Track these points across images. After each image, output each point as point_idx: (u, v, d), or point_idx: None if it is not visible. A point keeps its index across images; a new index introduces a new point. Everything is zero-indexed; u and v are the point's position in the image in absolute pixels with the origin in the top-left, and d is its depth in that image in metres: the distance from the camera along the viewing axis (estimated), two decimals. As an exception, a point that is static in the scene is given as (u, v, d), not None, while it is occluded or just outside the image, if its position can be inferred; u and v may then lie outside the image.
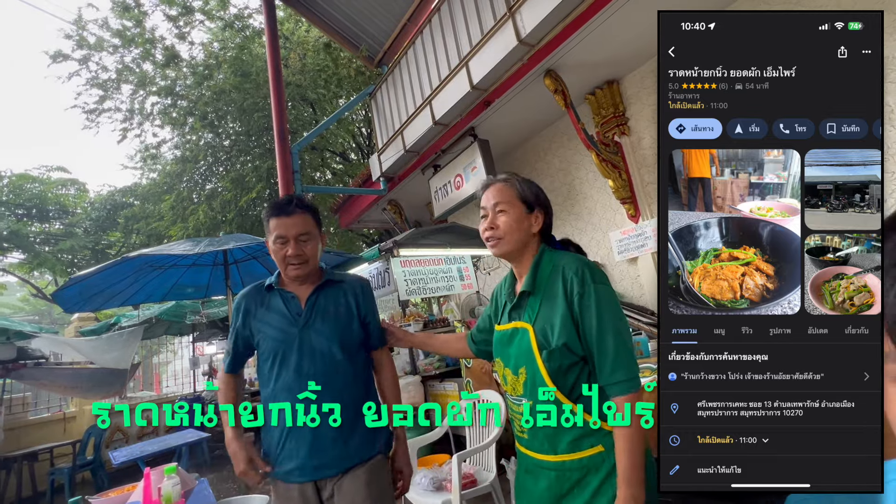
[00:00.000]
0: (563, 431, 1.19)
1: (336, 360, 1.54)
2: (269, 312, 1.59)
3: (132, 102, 10.04)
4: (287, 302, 1.60)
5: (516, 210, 1.29)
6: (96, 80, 9.88)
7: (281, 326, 1.56)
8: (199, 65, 9.68)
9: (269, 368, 1.55)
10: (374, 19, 7.01)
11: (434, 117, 5.06)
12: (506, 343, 1.31)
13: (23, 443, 6.55)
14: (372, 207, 7.22)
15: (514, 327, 1.29)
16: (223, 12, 9.74)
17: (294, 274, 1.57)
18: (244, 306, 1.62)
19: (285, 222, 1.55)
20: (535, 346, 1.21)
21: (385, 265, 5.30)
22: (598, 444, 1.16)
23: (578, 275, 1.19)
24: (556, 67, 4.14)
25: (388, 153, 5.97)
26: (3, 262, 11.05)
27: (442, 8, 4.98)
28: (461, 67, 4.58)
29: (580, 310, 1.16)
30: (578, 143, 4.86)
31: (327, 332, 1.56)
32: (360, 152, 11.47)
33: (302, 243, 1.56)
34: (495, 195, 1.31)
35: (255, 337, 1.60)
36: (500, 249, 1.30)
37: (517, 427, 1.31)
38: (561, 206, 5.40)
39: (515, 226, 1.28)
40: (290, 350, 1.53)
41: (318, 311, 1.59)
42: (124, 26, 9.55)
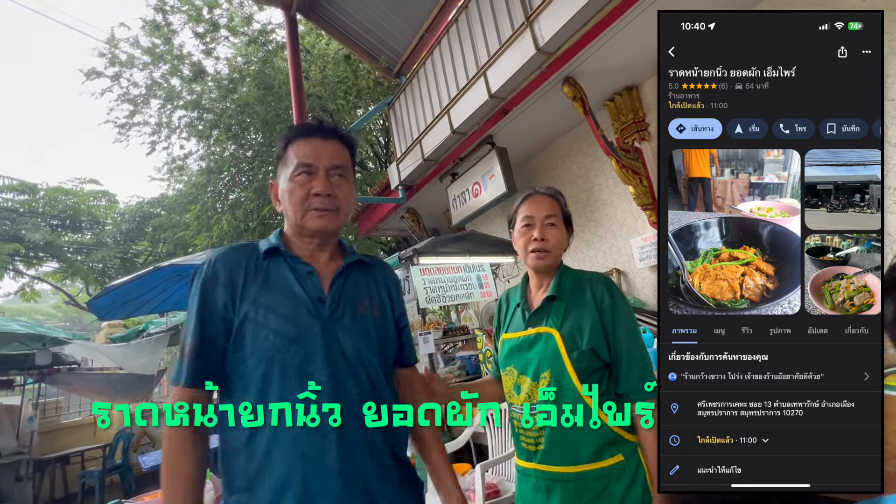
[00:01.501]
0: (585, 439, 1.18)
1: (378, 380, 1.05)
2: (271, 290, 1.02)
3: (160, 116, 10.41)
4: (301, 278, 1.04)
5: (562, 225, 1.34)
6: (127, 95, 10.28)
7: (291, 315, 0.99)
8: (224, 79, 9.98)
9: (259, 384, 0.96)
10: (393, 31, 7.12)
11: (452, 126, 5.10)
12: (524, 349, 1.30)
13: (56, 446, 6.79)
14: (390, 216, 7.28)
15: (536, 332, 1.28)
16: (247, 28, 10.04)
17: (317, 224, 1.05)
18: (224, 276, 1.01)
19: (317, 146, 1.08)
20: (562, 348, 1.22)
21: (405, 273, 5.34)
22: (619, 452, 1.17)
23: (608, 288, 1.27)
24: (574, 75, 4.13)
25: (407, 162, 6.03)
26: (39, 270, 11.51)
27: (460, 18, 5.04)
28: (479, 76, 4.62)
29: (612, 319, 1.22)
30: (598, 150, 4.83)
31: (362, 334, 1.05)
32: (377, 161, 11.61)
33: (336, 180, 1.08)
34: (547, 207, 1.33)
35: (241, 327, 0.99)
36: (548, 262, 1.31)
37: (528, 440, 1.27)
38: (580, 212, 5.37)
39: (563, 240, 1.34)
40: (303, 355, 0.97)
41: (348, 301, 1.07)
42: (154, 44, 9.93)
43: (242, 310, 0.99)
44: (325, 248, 1.11)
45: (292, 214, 1.07)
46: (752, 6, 3.65)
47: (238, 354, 0.98)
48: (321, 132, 1.10)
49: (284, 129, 1.18)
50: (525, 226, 1.33)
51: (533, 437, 1.25)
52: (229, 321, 0.99)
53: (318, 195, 1.04)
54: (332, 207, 1.06)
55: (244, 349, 0.98)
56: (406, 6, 6.57)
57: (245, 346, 0.98)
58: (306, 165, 1.06)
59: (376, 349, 1.07)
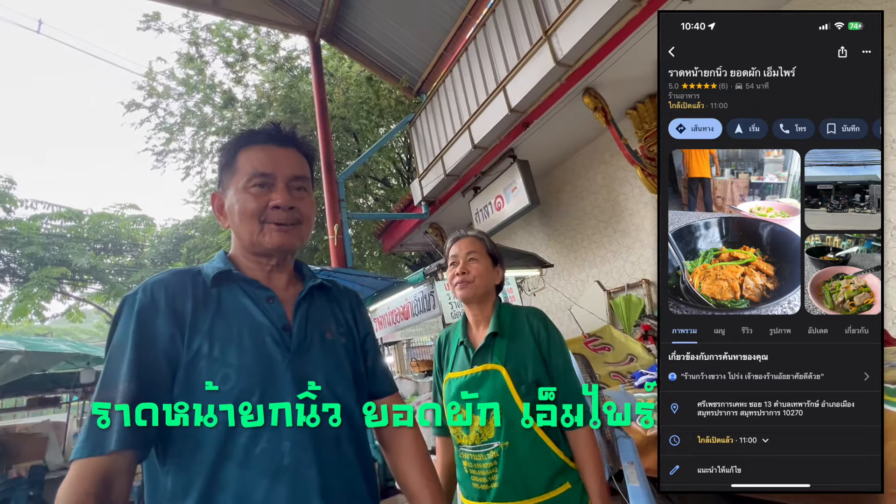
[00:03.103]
0: (539, 471, 1.23)
1: (353, 421, 0.91)
2: (226, 320, 0.85)
3: (194, 142, 10.88)
4: (261, 304, 0.89)
5: (486, 261, 1.44)
6: (164, 124, 10.81)
7: (254, 348, 0.84)
8: (252, 105, 10.37)
9: (219, 434, 0.77)
10: (412, 51, 7.29)
11: (473, 141, 5.16)
12: (473, 386, 1.33)
13: (97, 462, 7.01)
14: (414, 231, 7.37)
15: (483, 370, 1.33)
16: (274, 55, 10.46)
17: (277, 240, 0.90)
18: (166, 305, 0.82)
19: (273, 154, 0.93)
20: (510, 383, 1.27)
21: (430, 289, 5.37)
22: (566, 481, 1.23)
23: (543, 321, 1.37)
24: (594, 85, 4.13)
25: (429, 178, 6.11)
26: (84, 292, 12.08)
27: (478, 36, 5.13)
28: (499, 91, 4.67)
29: (549, 350, 1.31)
30: (621, 159, 4.79)
31: (334, 365, 0.92)
32: (400, 177, 11.79)
33: (296, 192, 0.94)
34: (468, 245, 1.45)
35: (191, 366, 0.80)
36: (469, 291, 1.40)
37: (479, 479, 1.28)
38: (606, 223, 5.31)
39: (484, 273, 1.42)
40: (268, 396, 0.81)
41: (314, 327, 0.93)
42: (188, 75, 10.45)
43: (194, 345, 0.80)
44: (282, 269, 0.97)
45: (245, 231, 0.91)
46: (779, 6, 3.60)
47: (184, 400, 0.77)
48: (278, 139, 0.95)
49: (233, 136, 0.96)
50: (451, 264, 1.46)
51: (486, 475, 1.27)
52: (174, 360, 0.80)
53: (277, 208, 0.90)
54: (294, 221, 0.93)
55: (193, 393, 0.78)
56: (424, 26, 6.73)
57: (195, 389, 0.78)
58: (262, 175, 0.91)
59: (350, 383, 0.93)
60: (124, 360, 0.77)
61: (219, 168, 0.97)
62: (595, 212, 5.48)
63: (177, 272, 0.89)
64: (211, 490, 0.75)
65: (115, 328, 0.82)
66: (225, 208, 0.94)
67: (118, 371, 0.76)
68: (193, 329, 0.81)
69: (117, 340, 0.80)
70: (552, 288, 5.70)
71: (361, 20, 7.10)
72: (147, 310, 0.81)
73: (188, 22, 10.14)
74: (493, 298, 1.46)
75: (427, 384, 5.05)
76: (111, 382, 0.76)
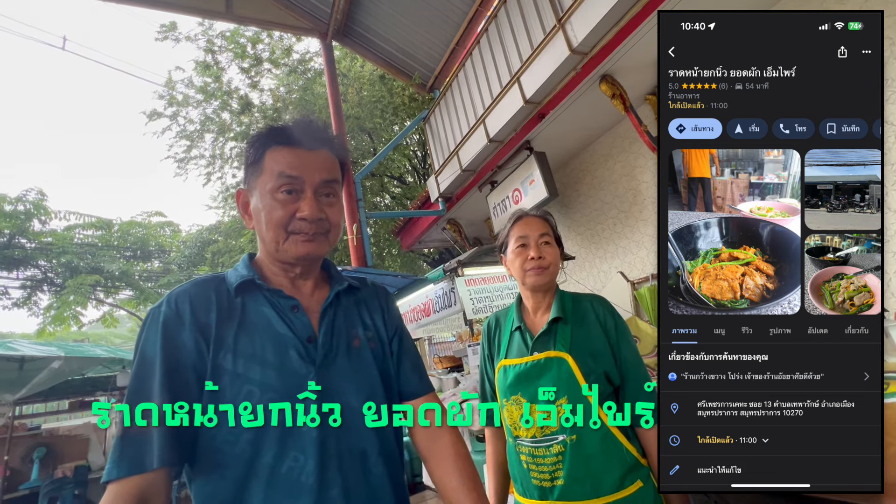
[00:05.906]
0: (607, 467, 1.13)
1: (382, 434, 0.87)
2: (249, 333, 0.83)
3: (214, 149, 11.13)
4: (284, 314, 0.86)
5: (555, 245, 1.34)
6: (184, 132, 11.10)
7: (279, 363, 0.81)
8: (268, 109, 10.55)
9: (238, 459, 0.76)
10: (424, 47, 7.29)
11: (488, 135, 5.14)
12: (534, 376, 1.21)
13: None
14: (432, 228, 7.39)
15: (546, 357, 1.21)
16: (287, 59, 10.60)
17: (303, 251, 0.87)
18: (190, 317, 0.81)
19: (303, 158, 0.87)
20: (577, 372, 1.16)
21: (450, 285, 5.40)
22: (638, 478, 1.14)
23: (610, 309, 1.28)
24: (611, 72, 4.05)
25: (445, 174, 6.12)
26: (116, 298, 12.55)
27: (490, 28, 5.09)
28: (513, 83, 4.63)
29: (618, 341, 1.23)
30: (642, 146, 4.71)
31: (360, 378, 0.88)
32: (416, 174, 11.84)
33: (324, 199, 0.89)
34: (540, 227, 1.32)
35: (214, 382, 0.78)
36: (545, 279, 1.29)
37: (541, 476, 1.17)
38: (627, 212, 5.23)
39: (557, 259, 1.32)
40: (293, 413, 0.78)
41: (340, 337, 0.89)
42: (205, 83, 10.68)
43: (217, 360, 0.79)
44: (308, 275, 0.93)
45: (270, 238, 0.87)
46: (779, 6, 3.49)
47: (207, 417, 0.76)
48: (308, 140, 0.89)
49: (259, 130, 0.93)
50: (520, 246, 1.31)
51: (549, 471, 1.15)
52: (202, 372, 0.78)
53: (306, 217, 0.85)
54: (322, 231, 0.88)
55: (215, 408, 0.76)
56: (435, 21, 6.72)
57: (218, 407, 0.76)
58: (290, 179, 0.85)
59: (380, 393, 0.88)
60: (155, 376, 0.75)
61: (245, 164, 0.93)
62: (616, 201, 5.40)
63: (200, 282, 0.88)
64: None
65: (141, 341, 0.81)
66: (250, 207, 0.91)
67: (150, 387, 0.75)
68: (218, 342, 0.80)
69: (145, 355, 0.78)
70: (574, 280, 5.66)
71: (372, 19, 7.13)
72: (171, 324, 0.80)
73: (203, 30, 10.37)
74: (555, 284, 1.34)
75: (451, 381, 5.08)
76: (144, 398, 0.74)
